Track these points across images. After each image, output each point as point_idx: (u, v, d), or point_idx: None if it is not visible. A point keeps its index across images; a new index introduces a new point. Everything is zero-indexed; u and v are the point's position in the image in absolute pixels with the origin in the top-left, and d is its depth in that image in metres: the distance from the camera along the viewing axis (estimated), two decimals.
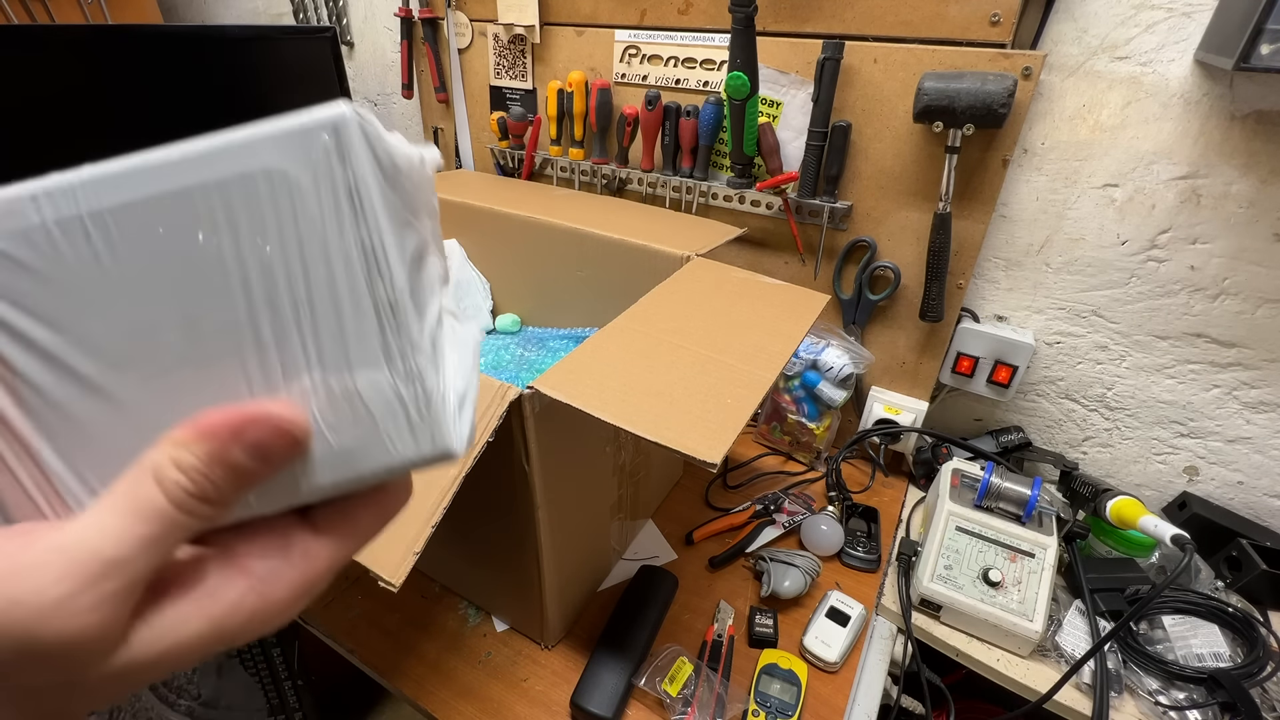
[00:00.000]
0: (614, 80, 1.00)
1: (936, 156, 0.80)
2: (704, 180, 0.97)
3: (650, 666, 0.66)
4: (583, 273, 0.90)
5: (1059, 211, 0.82)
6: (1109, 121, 0.76)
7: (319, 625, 0.74)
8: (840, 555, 0.84)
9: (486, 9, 1.08)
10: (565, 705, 0.65)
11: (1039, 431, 0.97)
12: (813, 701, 0.67)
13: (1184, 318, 0.80)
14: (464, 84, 1.18)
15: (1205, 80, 0.70)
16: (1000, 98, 0.70)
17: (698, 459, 0.43)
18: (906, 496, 0.96)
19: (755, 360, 0.55)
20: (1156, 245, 0.78)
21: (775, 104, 0.89)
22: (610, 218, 0.90)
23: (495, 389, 0.47)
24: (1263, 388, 0.79)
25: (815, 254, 0.94)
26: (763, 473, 1.00)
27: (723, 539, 0.87)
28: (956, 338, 0.90)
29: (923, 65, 0.77)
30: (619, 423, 0.46)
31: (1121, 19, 0.71)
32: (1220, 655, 0.68)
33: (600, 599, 0.77)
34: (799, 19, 0.84)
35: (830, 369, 0.93)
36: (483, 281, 1.04)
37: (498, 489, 0.58)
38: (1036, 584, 0.72)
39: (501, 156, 1.17)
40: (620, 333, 0.58)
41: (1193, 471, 0.88)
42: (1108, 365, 0.88)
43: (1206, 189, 0.74)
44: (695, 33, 0.91)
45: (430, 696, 0.66)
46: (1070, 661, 0.70)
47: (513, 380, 0.60)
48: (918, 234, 0.86)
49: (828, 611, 0.75)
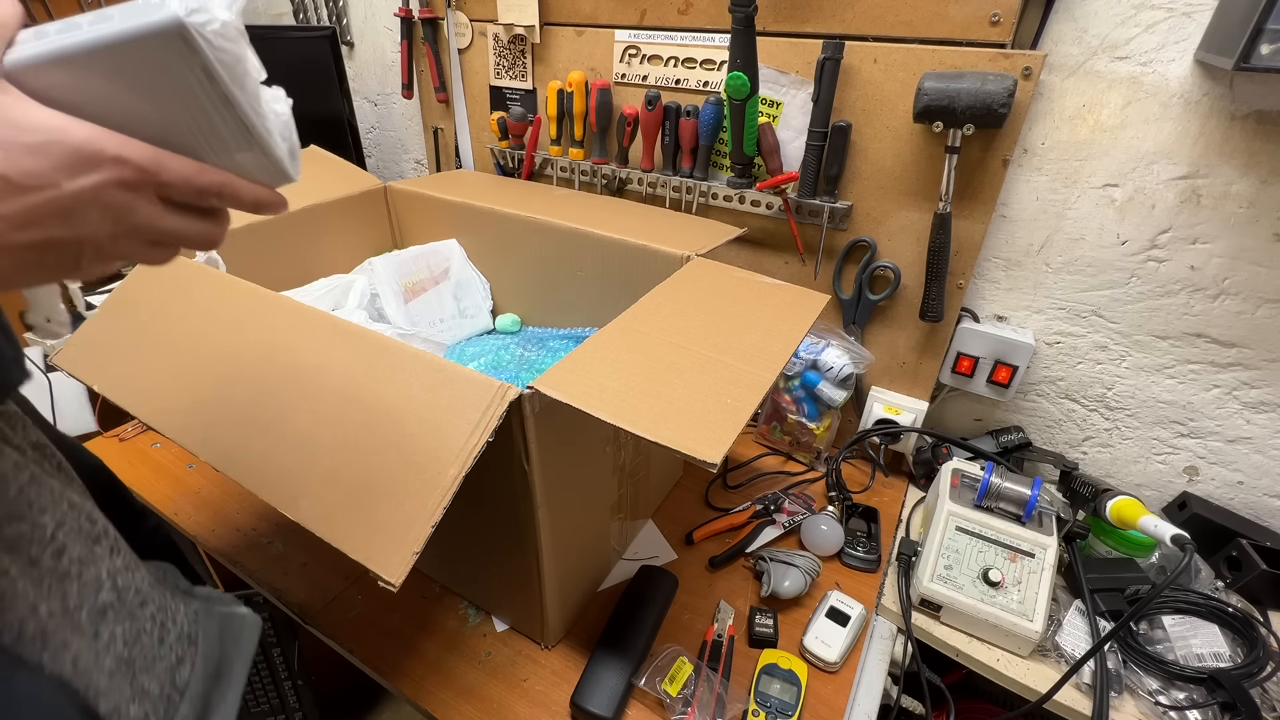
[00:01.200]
0: (614, 80, 1.00)
1: (936, 156, 0.80)
2: (704, 180, 0.97)
3: (650, 666, 0.66)
4: (583, 273, 0.90)
5: (1059, 211, 0.82)
6: (1109, 121, 0.76)
7: (319, 625, 0.74)
8: (840, 555, 0.84)
9: (486, 9, 1.08)
10: (565, 705, 0.65)
11: (1039, 431, 0.97)
12: (813, 701, 0.67)
13: (1184, 318, 0.80)
14: (464, 84, 1.18)
15: (1205, 80, 0.70)
16: (1000, 98, 0.70)
17: (698, 459, 0.43)
18: (906, 496, 0.96)
19: (755, 360, 0.55)
20: (1156, 245, 0.78)
21: (775, 104, 0.89)
22: (610, 218, 0.90)
23: (495, 389, 0.47)
24: (1263, 388, 0.79)
25: (815, 254, 0.94)
26: (763, 473, 1.00)
27: (723, 539, 0.87)
28: (956, 338, 0.90)
29: (923, 65, 0.77)
30: (619, 423, 0.46)
31: (1121, 19, 0.71)
32: (1220, 655, 0.68)
33: (600, 599, 0.77)
34: (799, 19, 0.84)
35: (830, 369, 0.93)
36: (483, 281, 1.04)
37: (498, 489, 0.58)
38: (1036, 584, 0.72)
39: (501, 156, 1.17)
40: (620, 333, 0.58)
41: (1193, 471, 0.88)
42: (1108, 365, 0.88)
43: (1206, 189, 0.74)
44: (695, 33, 0.91)
45: (430, 696, 0.66)
46: (1070, 661, 0.70)
47: (513, 380, 0.60)
48: (918, 234, 0.86)
49: (828, 611, 0.75)
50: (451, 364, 0.51)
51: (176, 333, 0.62)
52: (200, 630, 0.44)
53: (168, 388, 0.58)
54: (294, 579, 0.79)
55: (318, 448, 0.49)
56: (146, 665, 0.38)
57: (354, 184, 0.99)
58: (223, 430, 0.53)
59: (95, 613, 0.35)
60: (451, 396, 0.48)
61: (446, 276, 1.00)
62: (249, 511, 0.88)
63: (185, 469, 0.95)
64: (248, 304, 0.63)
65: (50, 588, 0.33)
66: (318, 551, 0.82)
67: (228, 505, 0.89)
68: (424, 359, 0.52)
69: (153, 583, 0.42)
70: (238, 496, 0.90)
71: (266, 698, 1.09)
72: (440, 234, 1.03)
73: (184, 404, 0.56)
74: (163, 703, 0.38)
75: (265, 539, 0.84)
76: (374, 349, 0.54)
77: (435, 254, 1.00)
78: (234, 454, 0.51)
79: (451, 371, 0.51)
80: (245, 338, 0.59)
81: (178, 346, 0.60)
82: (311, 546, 0.79)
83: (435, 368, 0.51)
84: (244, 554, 0.82)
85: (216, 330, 0.61)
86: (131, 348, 0.61)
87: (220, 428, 0.53)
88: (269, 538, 0.84)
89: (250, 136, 0.31)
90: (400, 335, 0.89)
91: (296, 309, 0.61)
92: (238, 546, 0.83)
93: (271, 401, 0.54)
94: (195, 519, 0.87)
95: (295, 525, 0.46)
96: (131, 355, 0.60)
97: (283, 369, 0.56)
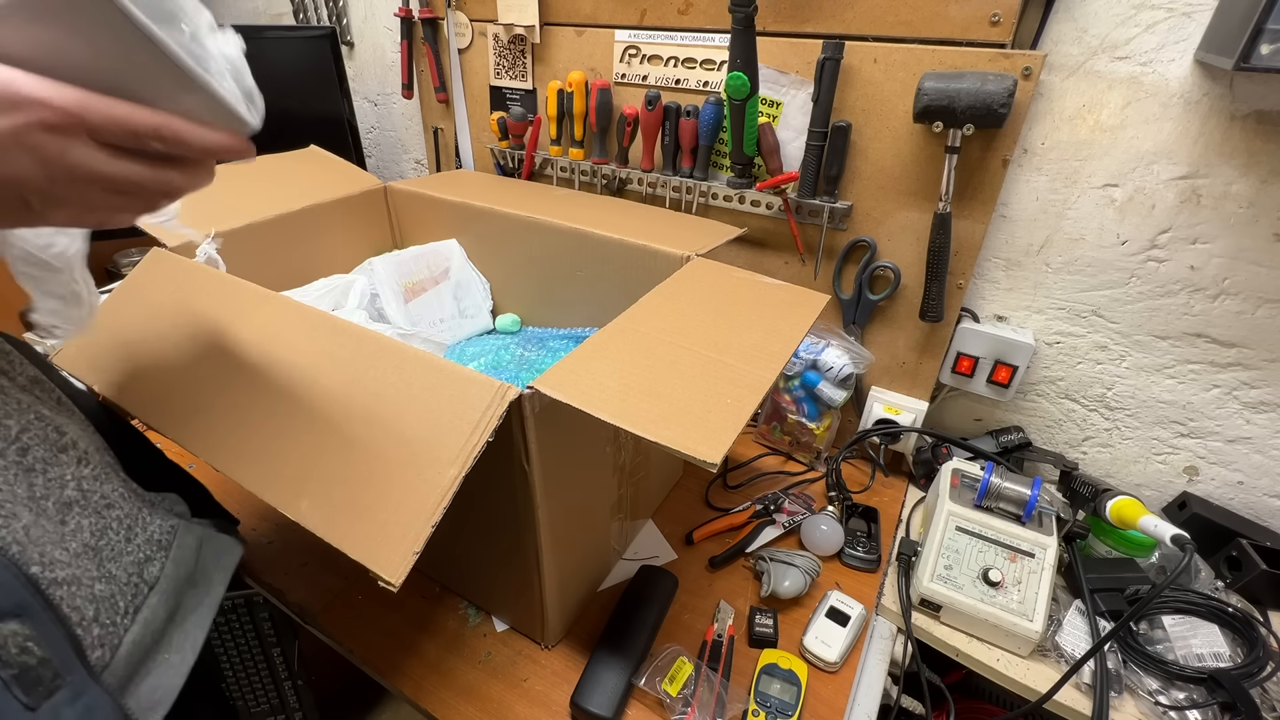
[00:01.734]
0: (614, 80, 1.00)
1: (936, 156, 0.80)
2: (704, 180, 0.97)
3: (650, 666, 0.66)
4: (583, 273, 0.90)
5: (1059, 211, 0.82)
6: (1109, 121, 0.76)
7: (319, 625, 0.74)
8: (840, 555, 0.84)
9: (486, 9, 1.08)
10: (565, 705, 0.65)
11: (1039, 431, 0.97)
12: (813, 701, 0.67)
13: (1184, 318, 0.80)
14: (464, 84, 1.18)
15: (1205, 80, 0.70)
16: (1000, 98, 0.70)
17: (698, 459, 0.43)
18: (906, 496, 0.96)
19: (755, 360, 0.55)
20: (1156, 245, 0.78)
21: (775, 104, 0.89)
22: (610, 218, 0.90)
23: (495, 389, 0.47)
24: (1263, 388, 0.79)
25: (815, 254, 0.94)
26: (763, 473, 1.00)
27: (723, 539, 0.87)
28: (956, 338, 0.90)
29: (923, 65, 0.77)
30: (619, 423, 0.46)
31: (1121, 19, 0.71)
32: (1220, 655, 0.68)
33: (600, 599, 0.77)
34: (799, 19, 0.84)
35: (830, 369, 0.93)
36: (483, 281, 1.04)
37: (498, 489, 0.58)
38: (1036, 584, 0.72)
39: (501, 156, 1.17)
40: (620, 333, 0.58)
41: (1193, 471, 0.88)
42: (1108, 365, 0.88)
43: (1206, 189, 0.74)
44: (695, 33, 0.91)
45: (430, 696, 0.66)
46: (1070, 661, 0.70)
47: (513, 380, 0.60)
48: (918, 234, 0.86)
49: (828, 611, 0.75)
50: (451, 364, 0.51)
51: (176, 333, 0.62)
52: (176, 541, 0.50)
53: (168, 388, 0.58)
54: (294, 579, 0.79)
55: (318, 448, 0.49)
56: (113, 556, 0.43)
57: (354, 184, 0.99)
58: (223, 430, 0.53)
59: (61, 504, 0.41)
60: (451, 396, 0.48)
61: (446, 276, 1.00)
62: (249, 511, 0.88)
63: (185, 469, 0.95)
64: (248, 304, 0.63)
65: (16, 476, 0.38)
66: (318, 551, 0.82)
67: (228, 505, 0.89)
68: (424, 359, 0.52)
69: (125, 495, 0.47)
70: (238, 496, 0.90)
71: (266, 698, 1.09)
72: (440, 234, 1.03)
73: (184, 404, 0.56)
74: (129, 588, 0.44)
75: (265, 539, 0.84)
76: (374, 349, 0.54)
77: (435, 254, 1.00)
78: (234, 454, 0.51)
79: (451, 371, 0.51)
80: (245, 338, 0.59)
81: (178, 346, 0.60)
82: (311, 546, 0.79)
83: (435, 368, 0.51)
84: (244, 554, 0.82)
85: (216, 330, 0.61)
86: (131, 348, 0.61)
87: (220, 428, 0.53)
88: (269, 538, 0.85)
89: (187, 79, 0.31)
90: (400, 335, 0.89)
91: (296, 309, 0.61)
92: None
93: (271, 401, 0.54)
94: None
95: (295, 525, 0.46)
96: (131, 355, 0.60)
97: (283, 369, 0.56)
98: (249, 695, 1.09)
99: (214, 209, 0.81)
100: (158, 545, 0.48)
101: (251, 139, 0.38)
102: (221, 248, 0.76)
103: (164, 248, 0.72)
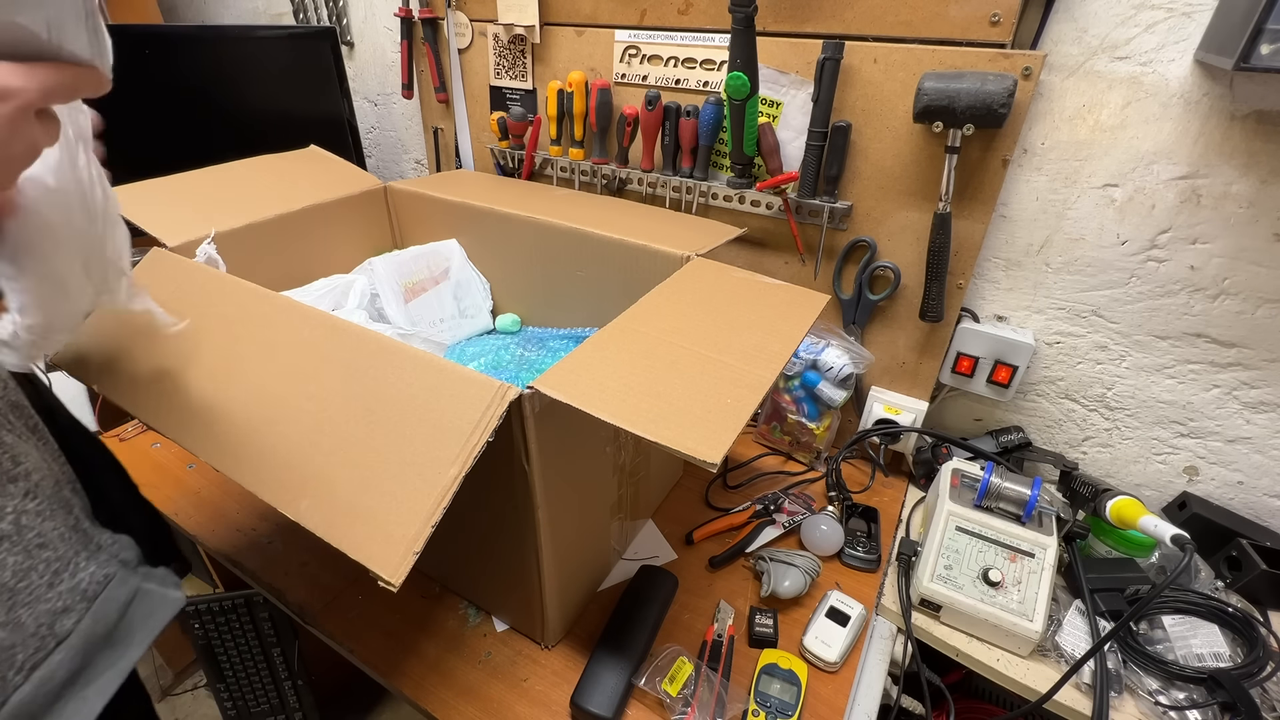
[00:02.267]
0: (614, 80, 1.01)
1: (936, 156, 0.80)
2: (704, 180, 0.97)
3: (650, 666, 0.66)
4: (583, 273, 0.90)
5: (1059, 211, 0.82)
6: (1109, 121, 0.76)
7: (319, 625, 0.74)
8: (840, 555, 0.84)
9: (486, 9, 1.08)
10: (565, 705, 0.65)
11: (1039, 431, 0.97)
12: (813, 701, 0.67)
13: (1184, 318, 0.80)
14: (464, 84, 1.18)
15: (1205, 80, 0.70)
16: (1000, 98, 0.70)
17: (698, 459, 0.43)
18: (906, 496, 0.96)
19: (755, 360, 0.55)
20: (1156, 245, 0.78)
21: (775, 104, 0.89)
22: (610, 218, 0.90)
23: (495, 389, 0.47)
24: (1263, 388, 0.79)
25: (815, 254, 0.94)
26: (763, 473, 1.00)
27: (723, 539, 0.87)
28: (956, 338, 0.90)
29: (923, 65, 0.77)
30: (619, 423, 0.46)
31: (1121, 19, 0.71)
32: (1220, 655, 0.68)
33: (600, 599, 0.77)
34: (799, 19, 0.84)
35: (830, 369, 0.93)
36: (483, 281, 1.04)
37: (498, 489, 0.58)
38: (1036, 584, 0.72)
39: (501, 156, 1.17)
40: (620, 333, 0.58)
41: (1193, 471, 0.88)
42: (1108, 365, 0.88)
43: (1206, 189, 0.74)
44: (695, 33, 0.91)
45: (430, 696, 0.66)
46: (1070, 661, 0.70)
47: (513, 380, 0.60)
48: (918, 234, 0.86)
49: (828, 611, 0.75)
50: (451, 364, 0.51)
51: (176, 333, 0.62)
52: (104, 593, 0.46)
53: (168, 388, 0.58)
54: (294, 579, 0.79)
55: (318, 448, 0.49)
56: (28, 601, 0.40)
57: (354, 184, 0.99)
58: (223, 430, 0.53)
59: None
60: (451, 396, 0.48)
61: (446, 276, 1.00)
62: (249, 511, 0.88)
63: (185, 469, 0.95)
64: (248, 304, 0.63)
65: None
66: (318, 551, 0.82)
67: (228, 505, 0.89)
68: (424, 359, 0.52)
69: (64, 536, 0.44)
70: (238, 496, 0.90)
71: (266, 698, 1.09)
72: (440, 234, 1.03)
73: (184, 404, 0.56)
74: (35, 639, 0.41)
75: (265, 539, 0.84)
76: (374, 349, 0.54)
77: (435, 254, 1.00)
78: (234, 454, 0.51)
79: (451, 371, 0.51)
80: (245, 337, 0.59)
81: (178, 346, 0.60)
82: (311, 546, 0.79)
83: (435, 368, 0.51)
84: (244, 554, 0.82)
85: (216, 330, 0.61)
86: (131, 348, 0.61)
87: (220, 428, 0.53)
88: (269, 538, 0.85)
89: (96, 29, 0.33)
90: (400, 335, 0.89)
91: (296, 309, 0.61)
92: (238, 546, 0.83)
93: (271, 401, 0.54)
94: (195, 519, 0.87)
95: (295, 525, 0.46)
96: (131, 355, 0.60)
97: (283, 369, 0.56)
98: (249, 695, 1.09)
99: (214, 209, 0.81)
100: (81, 595, 0.44)
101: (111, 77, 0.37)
102: (221, 248, 0.76)
103: (164, 248, 0.72)
